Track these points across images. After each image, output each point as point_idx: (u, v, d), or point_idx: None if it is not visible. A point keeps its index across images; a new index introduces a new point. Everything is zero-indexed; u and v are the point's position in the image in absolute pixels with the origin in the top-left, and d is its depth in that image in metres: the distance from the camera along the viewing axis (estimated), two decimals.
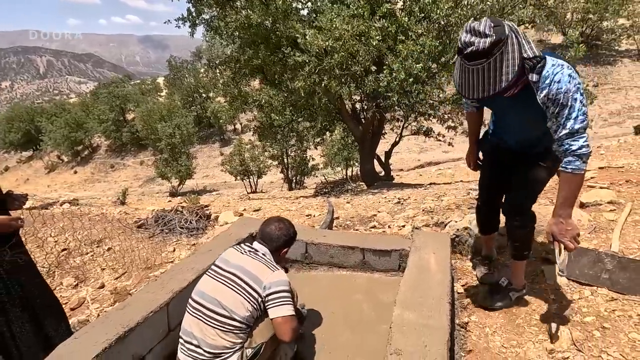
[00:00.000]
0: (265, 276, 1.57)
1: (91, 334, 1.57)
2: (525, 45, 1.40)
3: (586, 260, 1.96)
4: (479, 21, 1.36)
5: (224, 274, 1.61)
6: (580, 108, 1.42)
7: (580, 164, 1.46)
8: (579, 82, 1.46)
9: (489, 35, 1.32)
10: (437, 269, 1.87)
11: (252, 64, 8.69)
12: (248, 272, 1.59)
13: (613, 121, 27.32)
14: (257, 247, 1.73)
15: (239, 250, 1.71)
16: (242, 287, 1.56)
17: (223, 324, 1.51)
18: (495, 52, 1.33)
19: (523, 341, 1.70)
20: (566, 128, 1.44)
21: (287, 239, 1.77)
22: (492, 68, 1.35)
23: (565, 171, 1.48)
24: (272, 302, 1.53)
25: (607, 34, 32.03)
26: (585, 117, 1.44)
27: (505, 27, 1.35)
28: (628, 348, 1.56)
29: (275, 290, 1.55)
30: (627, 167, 4.22)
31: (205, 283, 1.63)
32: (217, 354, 1.50)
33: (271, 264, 1.65)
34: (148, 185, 32.02)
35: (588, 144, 1.45)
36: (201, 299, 1.58)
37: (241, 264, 1.62)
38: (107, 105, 37.16)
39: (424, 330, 1.43)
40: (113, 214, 5.97)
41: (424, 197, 5.14)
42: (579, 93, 1.43)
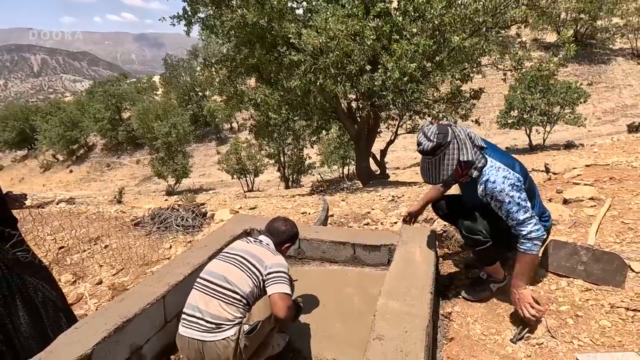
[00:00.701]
0: (267, 258, 1.76)
1: (91, 324, 1.65)
2: (464, 149, 1.73)
3: (563, 253, 2.06)
4: (430, 127, 1.78)
5: (230, 255, 1.80)
6: (518, 202, 1.71)
7: (531, 245, 1.72)
8: (516, 179, 1.74)
9: (432, 141, 1.72)
10: (422, 261, 1.96)
11: (248, 62, 8.74)
12: (252, 254, 1.77)
13: (607, 119, 27.58)
14: (262, 239, 1.92)
15: (245, 241, 1.90)
16: (246, 265, 1.72)
17: (227, 297, 1.64)
18: (437, 153, 1.73)
19: (502, 329, 1.80)
20: (513, 220, 1.74)
21: (291, 235, 1.97)
22: (435, 164, 1.75)
23: (519, 250, 1.75)
24: (271, 280, 1.68)
25: (601, 33, 32.27)
26: (527, 208, 1.72)
27: (449, 135, 1.73)
28: (598, 334, 1.66)
29: (275, 270, 1.71)
30: (613, 165, 4.34)
31: (214, 264, 1.79)
32: (219, 325, 1.60)
33: (272, 250, 1.85)
34: (144, 184, 31.96)
35: (537, 229, 1.71)
36: (209, 277, 1.72)
37: (247, 248, 1.82)
38: (102, 104, 36.99)
39: (405, 317, 1.52)
40: (110, 213, 6.03)
41: (417, 195, 5.23)
42: (515, 190, 1.72)
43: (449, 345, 1.74)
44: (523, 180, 1.79)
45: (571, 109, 19.33)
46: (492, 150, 1.87)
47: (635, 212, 2.53)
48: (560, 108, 19.27)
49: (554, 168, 4.52)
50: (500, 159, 1.82)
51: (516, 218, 1.72)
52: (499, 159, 1.81)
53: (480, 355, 1.65)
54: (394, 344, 1.36)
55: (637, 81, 30.07)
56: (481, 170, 1.79)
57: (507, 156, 1.89)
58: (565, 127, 22.55)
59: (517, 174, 1.77)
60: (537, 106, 19.02)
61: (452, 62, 8.62)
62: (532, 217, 1.72)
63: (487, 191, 1.78)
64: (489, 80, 12.89)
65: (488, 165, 1.78)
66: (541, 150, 19.41)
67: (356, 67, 7.30)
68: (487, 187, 1.77)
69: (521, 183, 1.76)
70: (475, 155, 1.79)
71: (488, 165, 1.78)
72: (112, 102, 37.14)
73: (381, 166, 11.49)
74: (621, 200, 2.76)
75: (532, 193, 1.91)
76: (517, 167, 1.84)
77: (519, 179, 1.76)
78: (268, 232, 1.96)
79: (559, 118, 19.55)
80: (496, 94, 26.16)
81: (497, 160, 1.81)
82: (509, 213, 1.73)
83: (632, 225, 2.37)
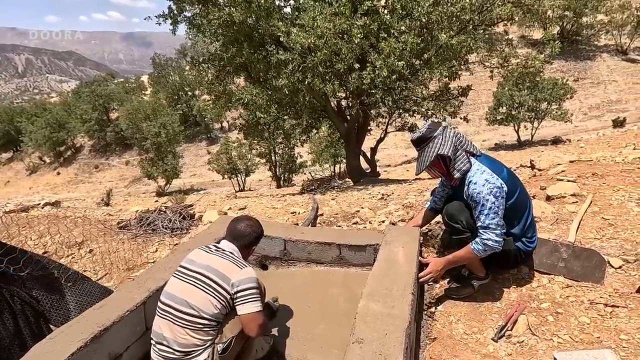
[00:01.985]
0: (233, 274, 1.61)
1: (67, 333, 1.61)
2: (446, 145, 1.86)
3: (544, 250, 2.08)
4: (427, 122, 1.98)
5: (191, 274, 1.63)
6: (491, 207, 1.79)
7: (479, 248, 1.83)
8: (497, 185, 1.80)
9: (420, 133, 1.93)
10: (404, 261, 1.96)
11: (236, 61, 8.65)
12: (215, 270, 1.62)
13: (593, 115, 28.07)
14: (224, 246, 1.76)
15: (205, 250, 1.73)
16: (211, 285, 1.58)
17: (193, 323, 1.55)
18: (422, 145, 1.92)
19: (484, 328, 1.80)
20: (480, 221, 1.83)
21: (256, 236, 1.84)
22: (420, 154, 1.93)
23: (470, 245, 1.87)
24: (240, 300, 1.57)
25: (586, 30, 32.79)
26: (496, 216, 1.79)
27: (437, 130, 1.90)
28: (577, 331, 1.67)
29: (244, 287, 1.58)
30: (597, 161, 4.40)
31: (173, 285, 1.65)
32: (188, 352, 1.54)
33: (239, 261, 1.68)
34: (134, 185, 31.58)
35: (495, 240, 1.79)
36: (170, 301, 1.60)
37: (208, 263, 1.65)
38: (90, 104, 36.41)
39: (386, 319, 1.51)
40: (95, 216, 5.93)
41: (407, 193, 5.24)
42: (493, 195, 1.79)
43: (432, 346, 1.75)
44: (507, 189, 1.83)
45: (558, 105, 19.65)
46: (485, 158, 1.96)
47: (615, 208, 2.56)
48: (547, 104, 19.57)
49: (539, 164, 4.57)
50: (488, 164, 1.89)
51: (482, 220, 1.81)
52: (487, 164, 1.89)
53: (462, 354, 1.65)
54: (372, 347, 1.36)
55: (622, 77, 30.65)
56: (465, 174, 1.88)
57: (497, 163, 1.95)
58: (552, 123, 22.91)
59: (501, 180, 1.83)
60: (524, 102, 19.29)
61: (440, 59, 8.66)
62: (498, 227, 1.80)
63: (469, 192, 1.87)
64: (477, 77, 12.99)
65: (474, 168, 1.88)
66: (529, 146, 19.68)
67: (344, 66, 7.27)
68: (469, 188, 1.86)
69: (502, 190, 1.81)
70: (459, 154, 1.87)
71: (474, 168, 1.88)
72: (100, 103, 36.58)
73: (372, 164, 11.51)
74: (602, 196, 2.79)
75: (522, 210, 1.94)
76: (504, 173, 1.89)
77: (501, 186, 1.81)
78: (231, 237, 1.79)
79: (546, 114, 19.86)
80: (485, 91, 26.40)
81: (485, 164, 1.89)
82: (479, 214, 1.83)
83: (612, 221, 2.40)
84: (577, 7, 29.96)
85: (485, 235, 1.81)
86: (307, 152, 20.21)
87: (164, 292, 1.66)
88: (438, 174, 2.02)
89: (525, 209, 1.95)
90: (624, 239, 2.20)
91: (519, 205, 1.91)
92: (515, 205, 1.89)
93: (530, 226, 1.98)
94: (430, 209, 2.38)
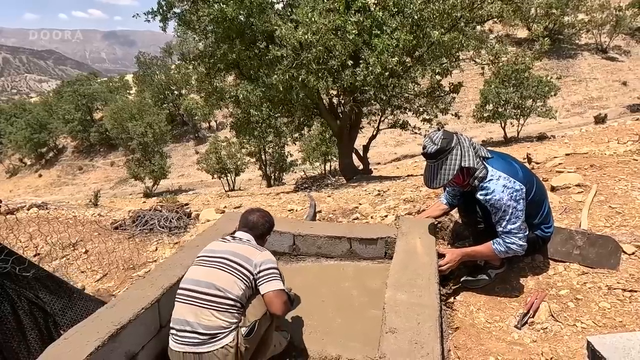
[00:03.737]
0: (254, 256, 1.66)
1: (82, 333, 1.54)
2: (467, 156, 1.79)
3: (559, 239, 2.10)
4: (437, 132, 1.85)
5: (214, 259, 1.66)
6: (512, 212, 1.76)
7: (502, 249, 1.82)
8: (515, 189, 1.77)
9: (436, 144, 1.79)
10: (424, 252, 1.95)
11: (227, 59, 8.53)
12: (238, 254, 1.66)
13: (575, 112, 28.84)
14: (241, 236, 1.80)
15: (223, 241, 1.78)
16: (234, 267, 1.61)
17: (218, 304, 1.54)
18: (440, 157, 1.79)
19: (505, 316, 1.81)
20: (501, 227, 1.80)
21: (270, 226, 1.89)
22: (437, 168, 1.81)
23: (492, 243, 1.85)
24: (264, 278, 1.61)
25: (568, 29, 33.64)
26: (518, 220, 1.77)
27: (453, 140, 1.80)
28: (599, 316, 1.69)
29: (266, 267, 1.63)
30: (591, 154, 4.50)
31: (196, 271, 1.66)
32: (214, 335, 1.51)
33: (255, 246, 1.74)
34: (120, 186, 30.92)
35: (519, 244, 1.78)
36: (194, 286, 1.60)
37: (229, 249, 1.69)
38: (72, 104, 35.45)
39: (416, 309, 1.49)
40: (86, 217, 5.76)
41: (403, 189, 5.25)
42: (513, 200, 1.76)
43: (455, 335, 1.74)
44: (525, 189, 1.81)
45: (543, 102, 20.09)
46: (497, 159, 1.89)
47: (620, 197, 2.61)
48: (532, 101, 19.99)
49: (535, 158, 4.64)
50: (502, 168, 1.83)
51: (504, 226, 1.79)
52: (502, 167, 1.83)
53: (488, 342, 1.65)
54: (407, 336, 1.33)
55: (602, 74, 31.57)
56: (482, 180, 1.81)
57: (512, 164, 1.90)
58: (537, 120, 23.44)
59: (519, 183, 1.80)
60: (510, 100, 19.66)
61: (431, 56, 8.73)
62: (521, 230, 1.78)
63: (487, 199, 1.81)
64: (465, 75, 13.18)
65: (489, 174, 1.81)
66: (516, 143, 20.08)
67: (338, 62, 7.26)
68: (487, 195, 1.80)
69: (521, 192, 1.78)
70: (477, 164, 1.81)
71: (489, 174, 1.81)
72: (83, 102, 35.67)
73: (364, 161, 11.54)
74: (605, 186, 2.84)
75: (540, 202, 1.94)
76: (520, 174, 1.85)
77: (520, 188, 1.78)
78: (246, 227, 1.83)
79: (532, 111, 20.29)
80: (472, 88, 26.81)
81: (500, 168, 1.83)
82: (501, 220, 1.79)
83: (619, 209, 2.44)
84: (559, 7, 30.73)
85: (508, 239, 1.79)
86: (297, 151, 20.13)
87: (185, 280, 1.65)
88: (454, 185, 1.95)
89: (543, 199, 1.96)
90: (633, 226, 2.24)
91: (538, 197, 1.91)
92: (534, 199, 1.88)
93: (548, 214, 1.99)
94: (445, 203, 2.36)
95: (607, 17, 31.60)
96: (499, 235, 1.82)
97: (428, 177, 1.87)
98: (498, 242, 1.83)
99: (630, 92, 29.43)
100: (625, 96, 29.12)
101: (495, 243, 1.83)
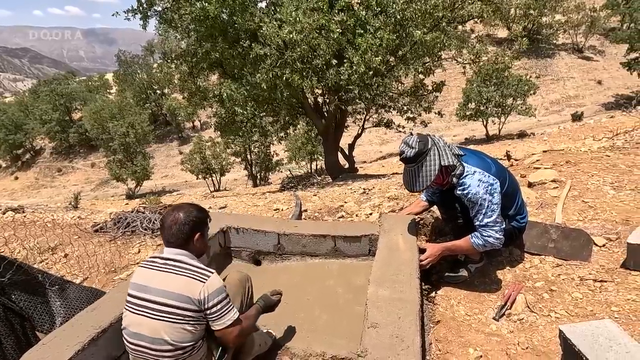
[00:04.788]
0: (195, 292, 1.37)
1: (61, 338, 1.51)
2: (444, 155, 1.83)
3: (535, 232, 2.17)
4: (411, 137, 1.88)
5: (149, 306, 1.37)
6: (488, 206, 1.82)
7: (480, 243, 1.86)
8: (490, 183, 1.83)
9: (413, 148, 1.82)
10: (406, 249, 1.99)
11: (210, 57, 8.44)
12: (174, 294, 1.36)
13: (553, 110, 29.70)
14: (169, 254, 1.47)
15: (151, 267, 1.45)
16: (180, 315, 1.35)
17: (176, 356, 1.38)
18: (419, 160, 1.82)
19: (484, 308, 1.86)
20: (478, 220, 1.85)
21: (191, 226, 1.49)
22: (417, 171, 1.84)
23: (470, 236, 1.90)
24: (212, 316, 1.40)
25: (546, 29, 34.62)
26: (494, 214, 1.82)
27: (429, 142, 1.83)
28: (572, 306, 1.76)
29: (213, 304, 1.39)
30: (567, 150, 4.66)
31: (133, 321, 1.40)
32: None
33: (194, 271, 1.41)
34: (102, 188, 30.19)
35: (496, 237, 1.82)
36: (140, 341, 1.37)
37: (163, 287, 1.38)
38: (49, 104, 34.38)
39: (397, 304, 1.52)
40: (66, 220, 5.61)
41: (388, 186, 5.31)
42: (489, 194, 1.82)
43: (436, 328, 1.78)
44: (499, 182, 1.87)
45: (523, 100, 20.63)
46: (470, 156, 1.95)
47: (592, 192, 2.72)
48: (512, 100, 20.50)
49: (515, 155, 4.77)
50: (476, 163, 1.89)
51: (481, 220, 1.84)
52: (476, 163, 1.89)
53: (467, 334, 1.69)
54: (388, 331, 1.36)
55: (579, 74, 32.59)
56: (459, 177, 1.87)
57: (485, 159, 1.96)
58: (517, 118, 24.04)
59: (493, 177, 1.86)
60: (492, 98, 20.10)
61: (414, 56, 8.86)
62: (497, 223, 1.83)
63: (464, 193, 1.86)
64: (448, 74, 13.41)
65: (465, 170, 1.87)
66: (497, 140, 20.56)
67: (322, 61, 7.28)
68: (463, 190, 1.86)
69: (496, 185, 1.84)
70: (455, 161, 1.86)
71: (465, 170, 1.87)
72: (61, 102, 34.63)
73: (350, 160, 11.60)
74: (579, 181, 2.96)
75: (514, 194, 2.01)
76: (493, 169, 1.91)
77: (494, 181, 1.84)
78: (166, 242, 1.48)
79: (512, 109, 20.81)
80: (454, 87, 27.26)
81: (474, 164, 1.88)
82: (477, 214, 1.85)
83: (591, 203, 2.54)
84: (537, 7, 31.58)
85: (485, 233, 1.85)
86: (283, 150, 20.08)
87: (126, 330, 1.42)
88: (435, 185, 1.95)
89: (516, 191, 2.03)
90: (604, 220, 2.33)
91: (511, 190, 1.98)
92: (507, 193, 1.95)
93: (522, 205, 2.07)
94: (425, 200, 2.42)
95: (583, 17, 32.66)
96: (477, 229, 1.87)
97: (409, 180, 1.89)
98: (476, 235, 1.88)
99: (605, 91, 30.52)
100: (601, 94, 30.18)
101: (473, 237, 1.89)
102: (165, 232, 1.48)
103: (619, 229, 2.22)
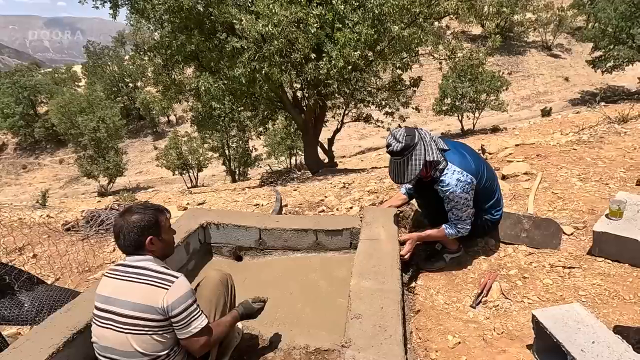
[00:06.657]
0: (157, 299, 1.31)
1: (34, 340, 1.45)
2: (430, 150, 1.89)
3: (508, 223, 2.26)
4: (399, 130, 1.92)
5: (114, 318, 1.33)
6: (463, 202, 1.94)
7: (452, 232, 2.02)
8: (467, 182, 1.92)
9: (400, 142, 1.86)
10: (387, 240, 2.03)
11: (186, 50, 8.21)
12: (137, 305, 1.31)
13: (524, 105, 30.81)
14: (131, 261, 1.40)
15: (115, 277, 1.39)
16: (145, 325, 1.31)
17: None
18: (405, 154, 1.87)
19: (462, 297, 1.93)
20: (453, 215, 1.99)
21: (137, 232, 1.39)
22: (404, 164, 1.89)
23: (444, 226, 2.04)
24: (177, 325, 1.34)
25: (517, 27, 35.76)
26: (467, 208, 1.97)
27: (416, 136, 1.88)
28: (543, 291, 1.86)
29: (177, 312, 1.32)
30: (537, 144, 4.86)
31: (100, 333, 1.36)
32: None
33: (157, 278, 1.35)
34: (71, 185, 28.95)
35: (467, 228, 2.00)
36: (111, 354, 1.34)
37: (125, 298, 1.33)
38: (12, 97, 32.46)
39: (379, 294, 1.55)
40: (33, 219, 5.35)
41: (367, 180, 5.37)
42: (464, 192, 1.92)
43: (417, 317, 1.83)
44: (477, 180, 1.96)
45: (495, 96, 21.29)
46: (453, 152, 2.01)
47: (561, 184, 2.86)
48: (486, 95, 21.11)
49: (489, 149, 4.93)
50: (458, 161, 1.96)
51: (456, 214, 1.98)
52: (457, 161, 1.96)
53: (446, 322, 1.75)
54: (371, 321, 1.39)
55: (548, 71, 33.92)
56: (441, 172, 1.93)
57: (466, 156, 2.02)
58: (490, 113, 24.79)
59: (471, 175, 1.94)
60: (467, 94, 20.63)
61: (392, 51, 8.94)
62: (469, 217, 2.00)
63: (443, 189, 1.95)
64: (424, 69, 13.65)
65: (448, 166, 1.94)
66: (472, 135, 21.14)
67: (301, 56, 7.23)
68: (442, 186, 1.94)
69: (472, 184, 1.94)
70: (439, 156, 1.93)
71: (448, 166, 1.94)
72: (24, 95, 32.76)
73: (329, 154, 11.64)
74: (549, 173, 3.10)
75: (491, 188, 2.11)
76: (472, 166, 1.98)
77: (471, 180, 1.93)
78: (125, 250, 1.42)
79: (486, 104, 21.44)
80: (431, 82, 27.74)
81: (455, 162, 1.95)
82: (453, 209, 1.97)
83: (560, 194, 2.67)
84: (509, 5, 32.54)
85: (459, 225, 2.00)
86: (262, 145, 19.88)
87: (96, 345, 1.38)
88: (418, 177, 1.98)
89: (494, 186, 2.11)
90: (572, 210, 2.46)
91: (489, 184, 2.08)
92: (485, 186, 2.04)
93: (499, 199, 2.16)
94: (404, 193, 2.48)
95: (551, 16, 33.94)
96: (451, 221, 2.02)
97: (396, 173, 1.94)
98: (449, 226, 2.02)
99: (572, 87, 31.93)
100: (568, 91, 31.57)
101: (447, 227, 2.03)
102: (116, 242, 1.42)
103: (585, 218, 2.35)
